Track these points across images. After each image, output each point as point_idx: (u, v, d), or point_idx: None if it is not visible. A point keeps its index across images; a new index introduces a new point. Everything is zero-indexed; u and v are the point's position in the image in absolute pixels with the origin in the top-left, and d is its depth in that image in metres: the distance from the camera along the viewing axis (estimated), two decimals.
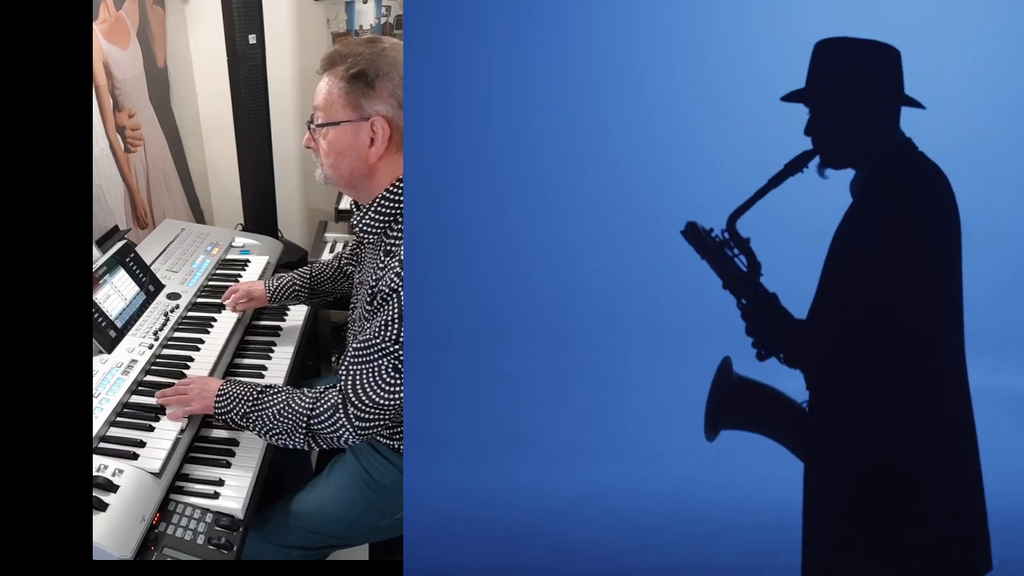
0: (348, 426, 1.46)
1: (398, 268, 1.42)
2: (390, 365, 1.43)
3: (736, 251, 1.28)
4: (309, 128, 1.50)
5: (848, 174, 1.25)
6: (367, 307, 1.51)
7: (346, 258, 2.03)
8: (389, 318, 1.42)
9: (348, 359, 1.48)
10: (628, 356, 2.81)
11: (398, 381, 1.44)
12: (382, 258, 1.53)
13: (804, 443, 1.27)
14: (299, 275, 2.08)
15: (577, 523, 2.34)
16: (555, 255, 2.90)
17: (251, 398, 1.56)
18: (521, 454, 2.64)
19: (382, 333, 1.43)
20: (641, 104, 2.85)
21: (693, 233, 1.30)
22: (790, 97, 1.25)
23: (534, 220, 2.90)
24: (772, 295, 1.27)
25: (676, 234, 1.33)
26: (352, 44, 1.47)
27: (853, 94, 1.22)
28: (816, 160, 1.24)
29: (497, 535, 2.27)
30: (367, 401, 1.45)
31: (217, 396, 1.58)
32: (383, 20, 3.31)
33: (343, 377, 1.48)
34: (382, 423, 1.48)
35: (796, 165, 1.24)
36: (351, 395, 1.45)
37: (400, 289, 1.41)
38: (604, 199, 2.88)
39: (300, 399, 1.52)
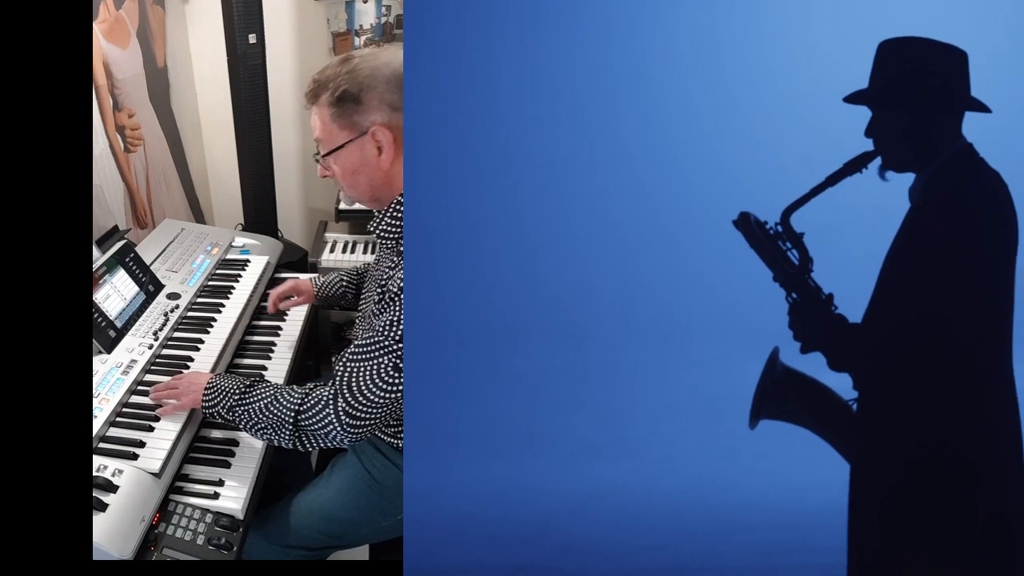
0: (337, 423, 1.44)
1: None
2: (391, 364, 1.42)
3: (789, 245, 1.27)
4: (317, 161, 1.53)
5: (907, 176, 1.23)
6: (375, 305, 1.51)
7: None
8: (396, 317, 1.42)
9: (348, 355, 1.47)
10: (639, 355, 2.80)
11: (397, 381, 1.43)
12: (394, 259, 1.54)
13: (848, 440, 1.26)
14: (347, 274, 2.10)
15: (588, 522, 2.34)
16: (566, 253, 2.90)
17: (238, 391, 1.55)
18: (532, 453, 2.64)
19: (387, 331, 1.42)
20: (652, 102, 2.85)
21: (745, 224, 1.28)
22: (853, 98, 1.22)
23: (545, 218, 2.90)
24: (825, 294, 1.26)
25: (688, 233, 1.31)
26: (326, 71, 1.48)
27: (917, 96, 1.19)
28: (877, 162, 1.22)
29: (508, 534, 2.28)
30: (361, 398, 1.43)
31: (205, 389, 1.57)
32: (383, 20, 3.31)
33: (338, 372, 1.47)
34: (373, 422, 1.46)
35: (855, 165, 1.22)
36: (344, 390, 1.44)
37: None
38: (616, 197, 2.88)
39: (289, 394, 1.50)
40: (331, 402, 1.45)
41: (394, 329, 1.42)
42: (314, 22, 3.25)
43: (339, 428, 1.44)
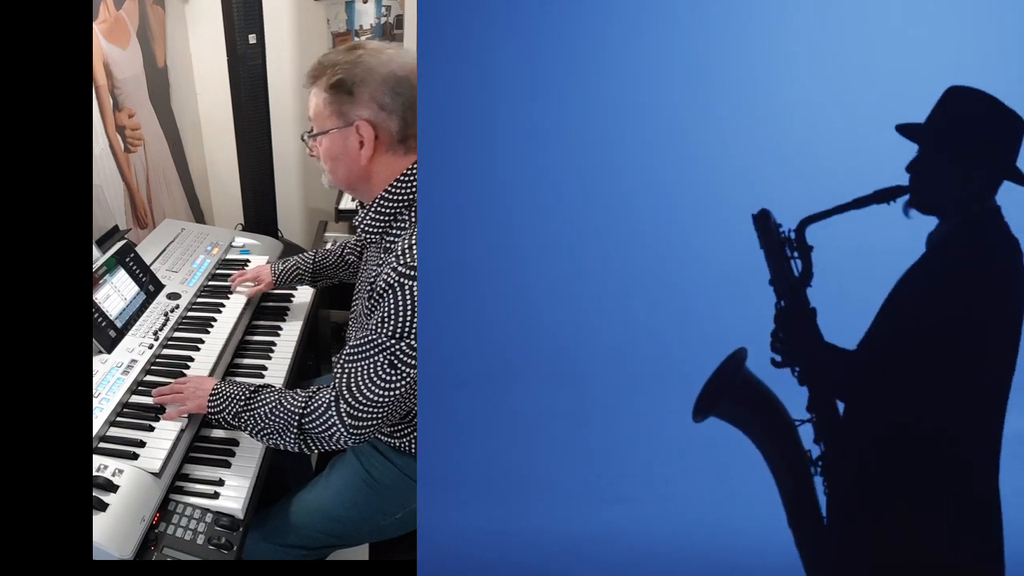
0: (340, 425, 1.45)
1: (395, 264, 1.42)
2: (386, 361, 1.42)
3: (795, 254, 1.27)
4: (304, 140, 1.55)
5: (930, 221, 1.23)
6: (366, 304, 1.52)
7: (350, 246, 2.10)
8: (385, 314, 1.41)
9: (344, 357, 1.48)
10: (637, 397, 2.78)
11: (393, 378, 1.42)
12: (381, 255, 1.54)
13: (788, 460, 1.28)
14: (303, 259, 2.18)
15: (585, 566, 2.31)
16: (565, 295, 2.89)
17: (243, 398, 1.55)
18: (529, 496, 2.60)
19: (378, 329, 1.42)
20: (651, 145, 2.84)
21: (763, 222, 1.28)
22: (905, 131, 1.22)
23: (544, 260, 2.90)
24: (811, 309, 1.26)
25: (687, 276, 1.33)
26: (332, 54, 1.51)
27: (969, 147, 1.19)
28: (905, 197, 1.22)
29: None
30: (361, 399, 1.43)
31: (211, 395, 1.58)
32: (383, 20, 3.31)
33: (337, 375, 1.48)
34: (376, 423, 1.46)
35: (885, 196, 1.22)
36: (344, 392, 1.44)
37: (396, 285, 1.40)
38: (616, 239, 2.87)
39: (292, 398, 1.51)
40: (334, 405, 1.45)
41: (385, 326, 1.41)
42: (314, 22, 3.24)
43: (343, 430, 1.45)
